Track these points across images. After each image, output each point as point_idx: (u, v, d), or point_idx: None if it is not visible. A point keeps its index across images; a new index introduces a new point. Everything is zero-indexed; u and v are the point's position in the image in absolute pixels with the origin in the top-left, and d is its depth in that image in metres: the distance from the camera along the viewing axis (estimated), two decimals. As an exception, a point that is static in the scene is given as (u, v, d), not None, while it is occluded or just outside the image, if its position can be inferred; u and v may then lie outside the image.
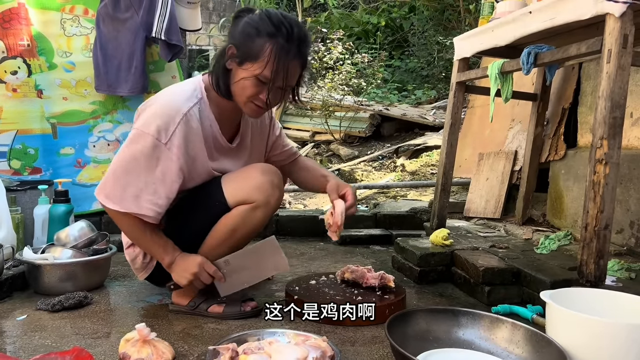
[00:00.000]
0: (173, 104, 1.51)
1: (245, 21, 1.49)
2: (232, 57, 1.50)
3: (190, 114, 1.51)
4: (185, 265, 1.58)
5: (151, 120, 1.48)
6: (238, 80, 1.50)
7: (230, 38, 1.52)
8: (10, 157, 2.57)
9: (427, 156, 5.10)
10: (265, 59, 1.45)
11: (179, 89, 1.60)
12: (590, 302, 1.40)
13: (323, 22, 9.12)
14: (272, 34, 1.45)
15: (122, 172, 1.50)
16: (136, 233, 1.57)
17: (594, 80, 2.35)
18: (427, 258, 2.11)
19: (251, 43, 1.46)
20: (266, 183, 1.57)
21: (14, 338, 1.49)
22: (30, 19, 2.57)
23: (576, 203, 2.36)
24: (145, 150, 1.47)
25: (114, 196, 1.51)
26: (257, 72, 1.47)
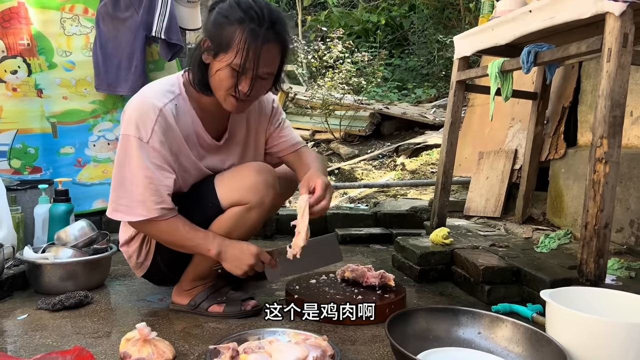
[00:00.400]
0: (147, 100, 1.48)
1: (217, 11, 1.43)
2: (207, 49, 1.44)
3: (165, 110, 1.47)
4: (240, 256, 1.53)
5: (130, 121, 1.46)
6: (214, 74, 1.44)
7: (204, 31, 1.47)
8: (11, 156, 2.57)
9: (427, 155, 5.10)
10: (236, 47, 1.38)
11: (153, 86, 1.56)
12: (590, 301, 1.40)
13: (323, 20, 9.12)
14: (241, 20, 1.38)
15: (122, 181, 1.48)
16: (170, 235, 1.52)
17: (594, 79, 2.35)
18: (427, 257, 2.11)
19: (222, 32, 1.40)
20: (260, 183, 1.53)
21: (15, 337, 1.49)
22: (30, 18, 2.57)
23: (576, 202, 2.36)
24: (134, 153, 1.45)
25: (122, 208, 1.49)
26: (230, 62, 1.40)
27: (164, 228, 1.50)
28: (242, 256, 1.53)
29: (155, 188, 1.46)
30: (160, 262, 1.67)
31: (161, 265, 1.67)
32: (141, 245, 1.66)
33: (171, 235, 1.52)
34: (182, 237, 1.51)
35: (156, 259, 1.66)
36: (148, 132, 1.44)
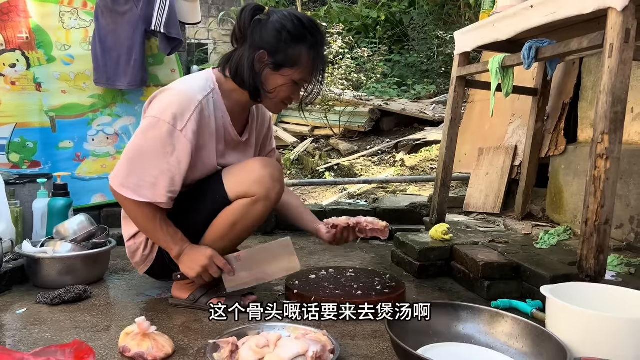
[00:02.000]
0: (189, 92, 1.52)
1: (275, 26, 1.50)
2: (266, 63, 1.52)
3: (204, 103, 1.53)
4: (194, 257, 1.56)
5: (167, 107, 1.48)
6: (276, 86, 1.54)
7: (260, 42, 1.51)
8: (9, 150, 2.56)
9: (427, 151, 5.10)
10: (304, 65, 1.53)
11: (192, 79, 1.61)
12: (589, 297, 1.41)
13: (323, 16, 9.08)
14: (309, 41, 1.52)
15: (138, 160, 1.49)
16: (146, 221, 1.55)
17: (595, 75, 2.35)
18: (427, 253, 2.11)
19: (288, 50, 1.50)
20: (267, 176, 1.56)
21: (14, 331, 1.48)
22: (29, 11, 2.56)
23: (576, 198, 2.36)
24: (162, 137, 1.47)
25: (130, 184, 1.49)
26: (296, 78, 1.54)
27: (145, 212, 1.52)
28: (196, 258, 1.56)
29: (172, 176, 1.49)
30: (165, 253, 1.67)
31: (166, 257, 1.68)
32: (147, 238, 1.67)
33: (146, 221, 1.54)
34: (155, 228, 1.55)
35: (161, 251, 1.67)
36: (184, 121, 1.48)
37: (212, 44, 10.90)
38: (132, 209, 1.55)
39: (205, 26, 10.63)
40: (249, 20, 1.52)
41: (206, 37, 10.88)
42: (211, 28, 10.81)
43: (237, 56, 1.55)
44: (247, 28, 1.52)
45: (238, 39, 1.57)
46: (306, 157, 5.92)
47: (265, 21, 1.51)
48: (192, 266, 1.56)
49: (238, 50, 1.57)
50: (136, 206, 1.52)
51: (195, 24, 2.83)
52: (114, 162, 2.70)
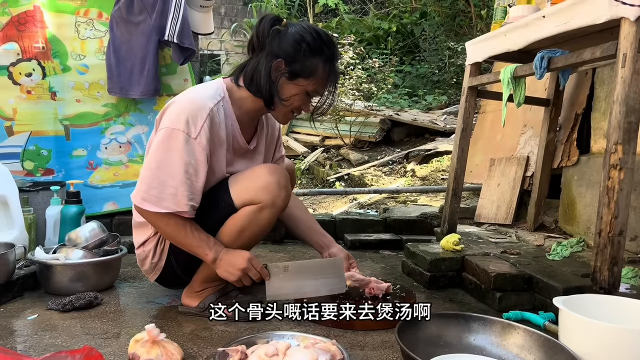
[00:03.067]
0: (199, 100, 1.54)
1: (294, 37, 1.53)
2: (282, 71, 1.54)
3: (214, 111, 1.54)
4: (232, 261, 1.54)
5: (179, 116, 1.50)
6: (290, 95, 1.56)
7: (278, 50, 1.53)
8: (24, 158, 2.60)
9: (438, 161, 5.08)
10: (319, 77, 1.56)
11: (201, 88, 1.63)
12: (603, 309, 1.38)
13: (334, 27, 9.14)
14: (325, 54, 1.55)
15: (157, 172, 1.50)
16: (176, 232, 1.54)
17: (608, 85, 2.33)
18: (438, 263, 2.10)
19: (305, 61, 1.53)
20: (273, 183, 1.55)
21: (25, 337, 1.49)
22: (46, 21, 2.60)
23: (589, 209, 2.33)
24: (178, 147, 1.48)
25: (151, 197, 1.50)
26: (310, 88, 1.57)
27: (172, 223, 1.52)
28: (234, 261, 1.55)
29: (191, 184, 1.50)
30: (173, 262, 1.68)
31: (174, 266, 1.69)
32: (156, 246, 1.68)
33: (176, 231, 1.53)
34: (186, 235, 1.53)
35: (170, 259, 1.68)
36: (197, 129, 1.49)
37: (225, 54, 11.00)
38: (158, 222, 1.54)
39: (217, 37, 10.73)
40: (268, 29, 1.54)
41: (219, 47, 10.99)
42: (224, 39, 10.92)
43: (253, 64, 1.57)
44: (266, 37, 1.54)
45: (255, 47, 1.58)
46: (317, 167, 5.93)
47: (283, 31, 1.54)
48: (231, 270, 1.55)
49: (254, 58, 1.59)
50: (162, 219, 1.52)
51: (208, 34, 2.86)
52: (127, 170, 2.73)
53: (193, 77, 2.80)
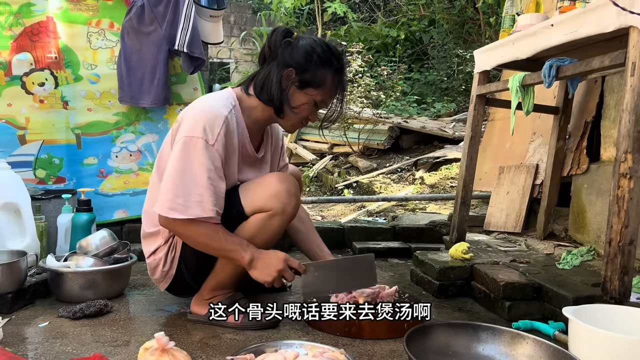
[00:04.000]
0: (214, 108, 1.57)
1: (305, 48, 1.59)
2: (293, 80, 1.59)
3: (229, 119, 1.57)
4: (269, 262, 1.56)
5: (196, 125, 1.52)
6: (299, 104, 1.61)
7: (289, 60, 1.59)
8: (36, 166, 2.63)
9: (447, 169, 5.07)
10: (327, 87, 1.61)
11: (213, 97, 1.66)
12: (614, 319, 1.37)
13: (343, 35, 9.17)
14: (334, 66, 1.61)
15: (180, 181, 1.50)
16: (209, 239, 1.54)
17: (618, 93, 2.32)
18: (447, 272, 2.09)
19: (316, 72, 1.59)
20: (283, 191, 1.58)
21: (36, 344, 1.51)
22: (58, 32, 2.64)
23: (599, 218, 2.31)
24: (198, 154, 1.50)
25: (177, 206, 1.50)
26: (318, 99, 1.62)
27: (203, 231, 1.53)
28: (271, 262, 1.56)
29: (215, 190, 1.52)
30: (184, 270, 1.70)
31: (185, 273, 1.70)
32: (167, 254, 1.69)
33: (209, 238, 1.54)
34: (219, 241, 1.55)
35: (180, 267, 1.69)
36: (215, 136, 1.52)
37: (234, 63, 11.08)
38: (190, 232, 1.54)
39: (227, 45, 10.82)
40: (280, 39, 1.60)
41: (228, 56, 11.07)
42: (233, 47, 11.00)
43: (265, 73, 1.62)
44: (278, 47, 1.60)
45: (267, 56, 1.63)
46: (325, 175, 5.93)
47: (295, 43, 1.60)
48: (268, 272, 1.56)
49: (264, 68, 1.63)
50: (193, 228, 1.52)
51: (218, 43, 2.89)
52: (137, 178, 2.75)
53: (203, 86, 2.82)
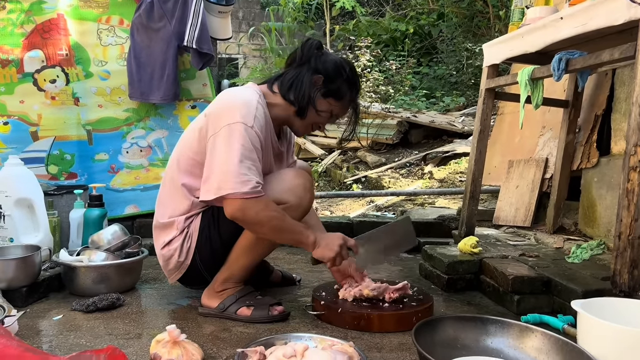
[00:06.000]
0: (245, 96, 1.63)
1: (335, 61, 1.71)
2: (319, 86, 1.68)
3: (260, 102, 1.63)
4: (330, 240, 1.64)
5: (232, 112, 1.57)
6: (321, 109, 1.70)
7: (321, 68, 1.68)
8: (48, 162, 2.67)
9: (456, 163, 5.05)
10: (345, 102, 1.74)
11: (239, 89, 1.73)
12: (623, 312, 1.37)
13: (351, 29, 9.15)
14: (355, 87, 1.75)
15: (227, 166, 1.51)
16: (277, 219, 1.56)
17: (629, 86, 2.30)
18: (455, 266, 2.09)
19: (340, 86, 1.70)
20: (299, 186, 1.65)
21: (51, 337, 1.54)
22: (69, 29, 2.67)
23: (609, 212, 2.30)
24: (238, 136, 1.53)
25: (236, 185, 1.49)
26: (335, 110, 1.73)
27: (273, 207, 1.56)
28: (333, 240, 1.64)
29: (257, 170, 1.55)
30: (198, 260, 1.73)
31: (199, 264, 1.73)
32: (182, 244, 1.72)
33: (280, 219, 1.57)
34: (290, 222, 1.59)
35: (195, 258, 1.72)
36: (252, 118, 1.57)
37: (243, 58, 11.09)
38: (256, 214, 1.53)
39: (235, 41, 10.83)
40: (314, 48, 1.70)
41: (236, 51, 11.08)
42: (241, 43, 11.01)
43: (294, 74, 1.70)
44: (312, 54, 1.68)
45: (297, 60, 1.71)
46: (334, 169, 5.94)
47: (326, 54, 1.72)
48: (331, 247, 1.63)
49: (293, 69, 1.71)
50: (263, 205, 1.53)
51: (226, 39, 2.90)
52: (147, 174, 2.78)
53: (212, 81, 2.84)
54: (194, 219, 1.72)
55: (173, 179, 1.74)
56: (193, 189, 1.70)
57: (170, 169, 1.77)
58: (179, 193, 1.72)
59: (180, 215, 1.71)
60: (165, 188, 1.78)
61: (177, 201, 1.72)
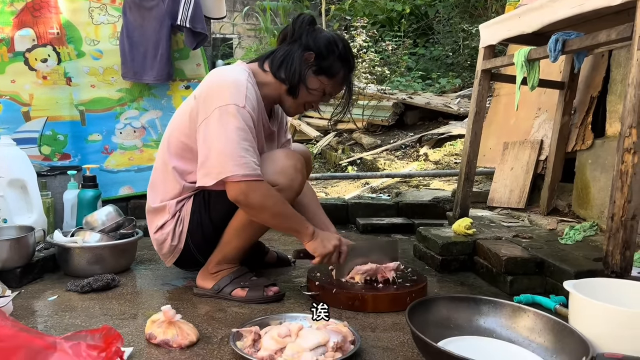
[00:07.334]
0: (233, 74, 1.60)
1: (328, 37, 1.66)
2: (310, 64, 1.65)
3: (249, 81, 1.60)
4: (328, 237, 1.65)
5: (222, 93, 1.54)
6: (313, 87, 1.66)
7: (312, 44, 1.64)
8: (41, 143, 2.65)
9: (451, 145, 5.05)
10: (338, 80, 1.69)
11: (227, 68, 1.69)
12: (614, 292, 1.39)
13: (347, 9, 9.05)
14: (349, 64, 1.69)
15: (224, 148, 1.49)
16: (281, 202, 1.55)
17: (625, 68, 2.29)
18: (449, 247, 2.11)
19: (333, 63, 1.66)
20: (290, 167, 1.62)
21: (46, 317, 1.54)
22: (60, 7, 2.63)
23: (603, 193, 2.31)
24: (231, 119, 1.51)
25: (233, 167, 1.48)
26: (328, 89, 1.69)
27: (275, 194, 1.54)
28: (330, 237, 1.66)
29: (254, 151, 1.54)
30: (190, 243, 1.72)
31: (192, 247, 1.73)
32: (174, 228, 1.71)
33: (281, 205, 1.56)
34: (290, 209, 1.59)
35: (187, 241, 1.72)
36: (243, 98, 1.54)
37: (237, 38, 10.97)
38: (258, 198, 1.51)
39: (230, 21, 10.70)
40: (306, 24, 1.65)
41: (231, 31, 10.96)
42: (236, 22, 10.88)
43: (285, 51, 1.66)
44: (303, 30, 1.64)
45: (288, 37, 1.68)
46: (329, 151, 5.93)
47: (318, 30, 1.67)
48: (326, 244, 1.63)
49: (284, 47, 1.67)
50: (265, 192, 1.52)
51: (220, 18, 2.86)
52: (141, 154, 2.76)
53: (206, 61, 2.81)
54: (185, 203, 1.71)
55: (164, 162, 1.72)
56: (184, 173, 1.69)
57: (162, 151, 1.75)
58: (170, 177, 1.70)
59: (172, 200, 1.70)
60: (157, 171, 1.77)
61: (168, 185, 1.71)
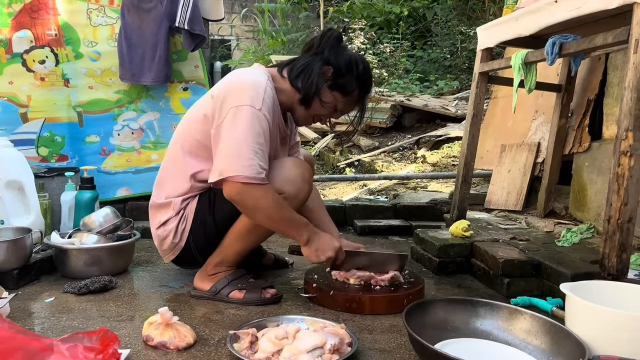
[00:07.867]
0: (254, 77, 1.61)
1: (349, 56, 1.68)
2: (327, 78, 1.66)
3: (268, 85, 1.61)
4: (327, 241, 1.64)
5: (240, 94, 1.55)
6: (324, 101, 1.67)
7: (333, 60, 1.66)
8: (39, 144, 2.64)
9: (449, 147, 5.06)
10: (351, 99, 1.70)
11: (248, 69, 1.71)
12: (610, 295, 1.39)
13: (345, 12, 9.07)
14: (366, 86, 1.71)
15: (233, 147, 1.51)
16: (277, 207, 1.55)
17: (621, 71, 2.30)
18: (447, 249, 2.11)
19: (349, 81, 1.67)
20: (298, 176, 1.63)
21: (43, 319, 1.54)
22: (58, 9, 2.62)
23: (600, 196, 2.32)
24: (246, 120, 1.52)
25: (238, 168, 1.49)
26: (340, 106, 1.70)
27: (272, 195, 1.54)
28: (329, 244, 1.63)
29: (263, 155, 1.53)
30: (191, 242, 1.73)
31: (192, 246, 1.73)
32: (177, 226, 1.71)
33: (276, 209, 1.55)
34: (286, 214, 1.58)
35: (188, 240, 1.72)
36: (260, 100, 1.55)
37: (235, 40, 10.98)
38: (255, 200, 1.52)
39: (228, 22, 10.71)
40: (333, 39, 1.68)
41: (229, 33, 10.97)
42: (234, 24, 10.89)
43: (305, 61, 1.68)
44: (327, 45, 1.66)
45: (312, 49, 1.69)
46: (327, 153, 5.93)
47: (344, 47, 1.70)
48: (325, 249, 1.63)
49: (305, 57, 1.69)
50: (262, 191, 1.51)
51: (219, 20, 2.86)
52: (139, 156, 2.76)
53: (204, 63, 2.81)
54: (191, 201, 1.71)
55: (175, 159, 1.73)
56: (195, 171, 1.69)
57: (173, 149, 1.76)
58: (180, 174, 1.71)
59: (178, 197, 1.71)
60: (166, 169, 1.77)
61: (177, 182, 1.71)
